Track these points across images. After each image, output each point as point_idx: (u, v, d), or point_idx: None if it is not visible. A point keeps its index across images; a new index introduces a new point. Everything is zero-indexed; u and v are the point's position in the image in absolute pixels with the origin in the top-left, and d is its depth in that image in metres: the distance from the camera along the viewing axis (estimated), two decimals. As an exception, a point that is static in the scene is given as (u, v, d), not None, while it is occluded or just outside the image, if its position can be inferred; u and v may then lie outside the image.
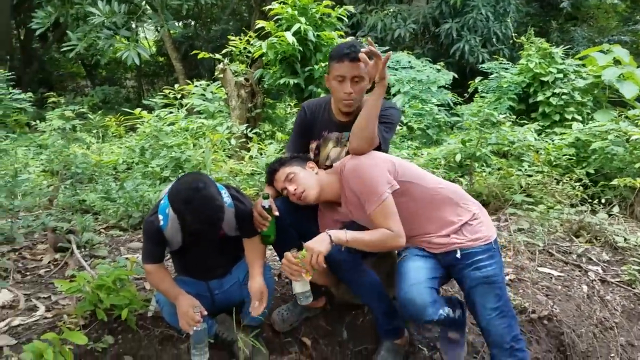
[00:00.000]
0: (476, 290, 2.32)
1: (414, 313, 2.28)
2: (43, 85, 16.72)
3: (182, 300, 2.34)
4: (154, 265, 2.41)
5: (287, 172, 2.46)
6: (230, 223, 2.45)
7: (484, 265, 2.33)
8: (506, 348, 2.23)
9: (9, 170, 4.80)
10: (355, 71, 2.40)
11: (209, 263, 2.58)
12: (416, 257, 2.42)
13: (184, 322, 2.29)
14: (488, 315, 2.28)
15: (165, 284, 2.41)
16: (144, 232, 2.44)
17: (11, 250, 3.47)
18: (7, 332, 2.45)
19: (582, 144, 5.61)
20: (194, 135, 6.07)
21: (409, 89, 7.33)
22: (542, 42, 7.73)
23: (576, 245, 4.02)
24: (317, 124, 2.70)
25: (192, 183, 2.16)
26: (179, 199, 2.15)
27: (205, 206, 2.13)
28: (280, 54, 6.24)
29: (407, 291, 2.28)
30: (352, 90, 2.44)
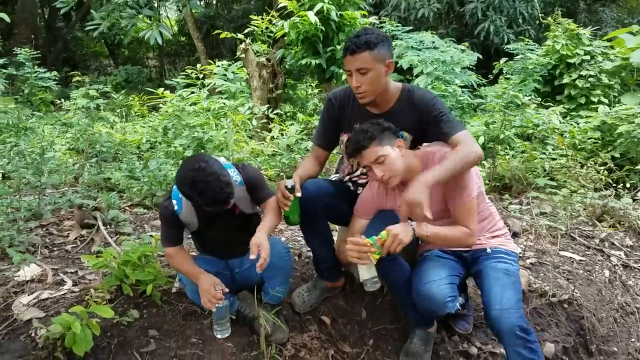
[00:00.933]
0: (497, 279, 2.31)
1: (434, 308, 2.30)
2: (67, 64, 16.95)
3: (203, 279, 2.38)
4: (173, 248, 2.45)
5: (378, 154, 2.28)
6: (245, 199, 2.49)
7: (508, 262, 2.41)
8: (520, 337, 2.15)
9: (35, 148, 4.90)
10: (357, 63, 2.33)
11: (228, 242, 2.61)
12: (437, 257, 2.47)
13: (206, 300, 2.33)
14: (503, 304, 2.20)
15: (186, 265, 2.45)
16: (161, 217, 2.48)
17: (39, 226, 3.55)
18: (36, 305, 2.52)
19: (608, 127, 5.51)
20: (215, 116, 6.10)
21: (432, 70, 7.23)
22: (569, 23, 7.54)
23: (599, 230, 3.98)
24: (346, 115, 2.62)
25: (194, 164, 2.16)
26: (184, 183, 2.17)
27: (211, 184, 2.14)
28: (302, 33, 6.21)
29: (427, 287, 2.29)
30: (359, 83, 2.36)
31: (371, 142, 2.29)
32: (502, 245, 2.50)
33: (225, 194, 2.18)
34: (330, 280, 2.88)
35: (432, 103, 2.43)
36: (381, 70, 2.36)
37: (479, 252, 2.49)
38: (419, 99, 2.46)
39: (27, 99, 9.52)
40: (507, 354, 2.18)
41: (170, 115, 6.03)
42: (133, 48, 19.43)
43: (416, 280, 2.37)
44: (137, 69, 16.65)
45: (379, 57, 2.33)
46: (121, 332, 2.44)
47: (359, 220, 2.62)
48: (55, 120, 8.28)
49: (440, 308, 2.28)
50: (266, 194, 2.52)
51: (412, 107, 2.47)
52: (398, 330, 2.88)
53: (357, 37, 2.31)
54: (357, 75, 2.35)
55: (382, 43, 2.34)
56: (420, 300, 2.33)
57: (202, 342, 2.50)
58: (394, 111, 2.50)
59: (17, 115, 6.47)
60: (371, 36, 2.31)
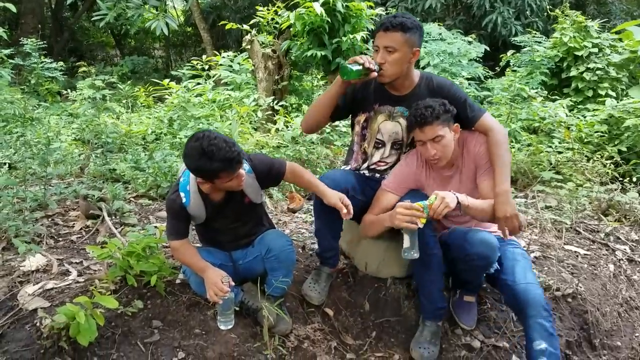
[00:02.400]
0: (517, 261, 2.46)
1: (488, 253, 2.36)
2: (73, 54, 16.95)
3: (209, 272, 2.40)
4: (179, 241, 2.46)
5: (438, 133, 2.38)
6: (254, 188, 2.51)
7: (521, 248, 2.63)
8: (545, 309, 2.26)
9: (41, 138, 4.92)
10: (386, 41, 2.40)
11: (234, 233, 2.63)
12: None
13: (212, 293, 2.35)
14: (528, 280, 2.36)
15: (192, 258, 2.46)
16: (168, 210, 2.48)
17: (44, 217, 3.56)
18: (41, 295, 2.53)
19: (615, 120, 5.47)
20: (221, 107, 6.10)
21: (439, 62, 7.19)
22: (577, 15, 7.46)
23: (604, 224, 3.96)
24: (366, 94, 2.66)
25: (197, 136, 2.20)
26: (194, 155, 2.18)
27: (219, 145, 2.15)
28: (308, 25, 6.18)
29: (480, 235, 2.37)
30: (383, 60, 2.42)
31: (435, 120, 2.37)
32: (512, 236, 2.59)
33: (235, 152, 2.19)
34: (332, 266, 2.93)
35: (452, 90, 2.56)
36: (407, 54, 2.44)
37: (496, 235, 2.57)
38: (439, 86, 2.57)
39: (33, 89, 9.55)
40: (530, 325, 2.26)
41: (176, 106, 6.04)
42: (139, 38, 19.38)
43: (464, 235, 2.42)
44: (143, 59, 16.62)
45: (409, 41, 2.41)
46: (125, 322, 2.45)
47: (387, 194, 2.64)
48: (62, 110, 8.30)
49: (492, 252, 2.36)
50: (280, 164, 2.56)
51: (431, 93, 2.55)
52: (400, 322, 2.89)
53: (394, 17, 2.40)
54: (383, 52, 2.42)
55: (415, 29, 2.42)
56: (473, 247, 2.36)
57: (205, 332, 2.52)
58: (413, 95, 2.57)
59: (23, 106, 6.49)
60: (407, 20, 2.39)
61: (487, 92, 7.28)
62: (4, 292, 2.53)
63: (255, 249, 2.66)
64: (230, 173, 2.24)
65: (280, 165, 2.55)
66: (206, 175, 2.26)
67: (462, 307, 2.83)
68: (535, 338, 2.22)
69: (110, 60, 19.21)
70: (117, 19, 6.20)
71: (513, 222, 2.34)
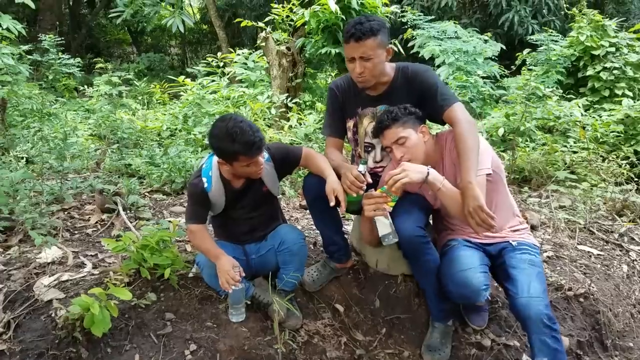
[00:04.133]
0: (523, 269, 2.33)
1: (469, 295, 2.31)
2: (91, 51, 17.15)
3: (222, 259, 2.43)
4: (197, 225, 2.52)
5: (399, 135, 2.36)
6: (272, 177, 2.59)
7: (532, 254, 2.43)
8: (547, 325, 2.16)
9: (58, 133, 5.00)
10: (361, 50, 2.35)
11: (250, 224, 2.68)
12: (465, 246, 2.48)
13: (224, 281, 2.38)
14: (530, 293, 2.22)
15: (207, 243, 2.50)
16: (189, 195, 2.55)
17: (60, 210, 3.62)
18: (57, 287, 2.58)
19: (631, 120, 5.39)
20: (235, 104, 6.14)
21: (454, 60, 7.15)
22: (595, 14, 7.37)
23: (619, 225, 3.92)
24: (349, 102, 2.68)
25: (224, 118, 2.32)
26: (220, 135, 2.27)
27: (244, 128, 2.24)
28: (322, 22, 6.19)
29: (464, 275, 2.30)
30: (361, 69, 2.39)
31: (394, 122, 2.37)
32: (524, 238, 2.53)
33: (258, 138, 2.27)
34: (339, 262, 2.94)
35: (426, 75, 2.48)
36: (383, 56, 2.42)
37: (503, 245, 2.51)
38: (414, 74, 2.51)
39: (51, 85, 9.68)
40: (532, 341, 2.18)
41: (191, 103, 6.08)
42: (156, 36, 19.55)
43: (450, 267, 2.37)
44: (159, 56, 16.76)
45: (381, 43, 2.38)
46: (139, 314, 2.49)
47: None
48: (79, 106, 8.41)
49: (475, 295, 2.30)
50: (296, 149, 2.62)
51: (409, 83, 2.52)
52: (411, 319, 2.89)
53: (360, 24, 2.32)
54: (360, 61, 2.39)
55: (383, 29, 2.38)
56: (455, 288, 2.33)
57: (217, 325, 2.54)
58: (392, 91, 2.55)
59: (41, 101, 6.58)
60: (373, 23, 2.33)
61: (503, 90, 7.23)
62: (20, 283, 2.57)
63: (268, 242, 2.71)
64: (249, 158, 2.30)
65: (296, 149, 2.62)
66: (226, 155, 2.32)
67: (472, 308, 2.82)
68: (538, 355, 2.16)
69: (126, 57, 19.39)
70: (133, 16, 6.22)
71: (478, 214, 2.15)
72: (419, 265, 2.52)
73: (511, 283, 2.30)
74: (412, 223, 2.36)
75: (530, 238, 2.56)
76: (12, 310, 2.39)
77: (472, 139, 2.27)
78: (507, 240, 2.51)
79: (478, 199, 2.15)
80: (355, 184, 2.33)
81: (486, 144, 2.42)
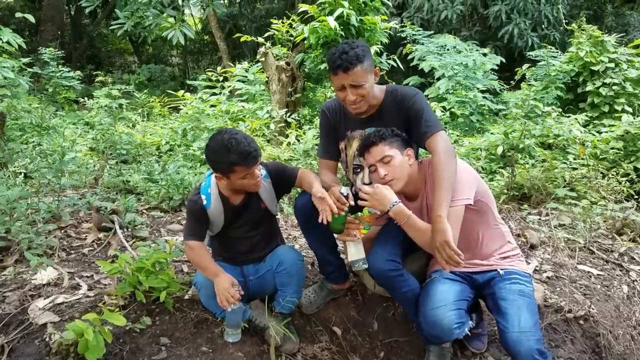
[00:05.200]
0: (513, 301, 2.29)
1: (440, 335, 2.30)
2: (92, 61, 17.22)
3: (222, 277, 2.41)
4: (196, 242, 2.50)
5: (385, 154, 2.35)
6: (270, 194, 2.61)
7: (522, 283, 2.40)
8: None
9: (57, 148, 4.99)
10: (350, 79, 2.35)
11: (249, 243, 2.67)
12: (446, 279, 2.45)
13: (223, 299, 2.35)
14: (521, 327, 2.18)
15: (205, 260, 2.49)
16: (188, 211, 2.54)
17: (57, 229, 3.61)
18: (52, 309, 2.56)
19: (631, 137, 5.37)
20: (234, 119, 6.14)
21: (453, 75, 7.17)
22: (594, 30, 7.39)
23: (618, 244, 3.90)
24: (339, 124, 2.69)
25: (220, 131, 2.36)
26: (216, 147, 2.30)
27: (240, 140, 2.28)
28: (322, 38, 6.21)
29: (434, 313, 2.29)
30: (354, 97, 2.40)
31: (381, 140, 2.37)
32: (514, 266, 2.49)
33: (252, 148, 2.30)
34: (336, 283, 2.93)
35: (414, 100, 2.48)
36: (372, 79, 2.43)
37: (490, 274, 2.48)
38: (402, 97, 2.51)
39: (51, 98, 9.69)
40: None
41: (190, 117, 6.09)
42: (157, 45, 19.62)
43: (423, 304, 2.36)
44: (160, 67, 16.83)
45: (369, 68, 2.39)
46: (133, 339, 2.47)
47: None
48: (78, 119, 8.42)
49: (446, 335, 2.28)
50: (294, 169, 2.65)
51: (398, 106, 2.52)
52: (409, 343, 2.87)
53: (345, 54, 2.32)
54: (352, 89, 2.39)
55: (368, 53, 2.39)
56: (426, 326, 2.32)
57: (212, 350, 2.52)
58: (381, 113, 2.56)
59: (40, 115, 6.59)
60: (358, 49, 2.33)
61: (502, 105, 7.24)
62: (15, 305, 2.56)
63: (266, 263, 2.70)
64: (246, 168, 2.32)
65: (293, 169, 2.64)
66: (223, 168, 2.34)
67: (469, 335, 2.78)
68: None
69: (128, 67, 19.47)
70: (135, 27, 6.26)
71: (445, 250, 2.10)
72: (397, 296, 2.55)
73: (501, 316, 2.27)
74: (383, 257, 2.38)
75: (522, 265, 2.53)
76: (6, 334, 2.38)
77: (448, 171, 2.24)
78: (495, 269, 2.48)
79: (445, 233, 2.10)
80: (337, 205, 2.33)
81: (472, 173, 2.38)
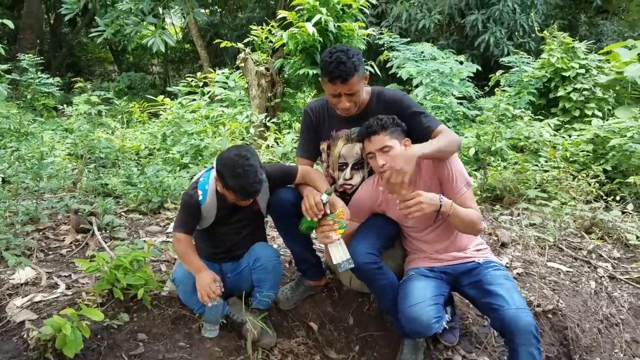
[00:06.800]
0: (501, 284, 2.37)
1: (420, 330, 2.35)
2: (71, 69, 17.08)
3: (205, 272, 2.45)
4: (184, 235, 2.54)
5: (386, 143, 2.39)
6: (265, 196, 2.65)
7: (503, 269, 2.51)
8: (535, 336, 2.17)
9: (35, 153, 4.99)
10: (347, 88, 2.41)
11: (235, 239, 2.72)
12: (422, 276, 2.52)
13: (204, 294, 2.38)
14: (516, 306, 2.24)
15: (191, 255, 2.52)
16: (182, 204, 2.58)
17: (35, 230, 3.62)
18: (29, 308, 2.58)
19: (600, 140, 5.54)
20: (214, 123, 6.18)
21: (429, 81, 7.31)
22: (565, 37, 7.60)
23: (587, 242, 4.02)
24: (323, 124, 2.75)
25: (241, 151, 2.35)
26: (226, 163, 2.33)
27: (248, 173, 2.30)
28: (300, 44, 6.29)
29: (413, 310, 2.33)
30: (348, 104, 2.47)
31: (383, 130, 2.41)
32: (488, 257, 2.60)
33: (254, 188, 2.35)
34: (312, 279, 2.99)
35: (404, 102, 2.57)
36: (363, 85, 2.51)
37: (470, 265, 2.56)
38: (391, 100, 2.60)
39: (29, 104, 9.62)
40: (518, 353, 2.17)
41: (170, 122, 6.12)
42: (137, 54, 19.53)
43: (401, 302, 2.42)
44: (140, 75, 16.75)
45: (362, 75, 2.46)
46: (111, 335, 2.50)
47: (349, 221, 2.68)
48: (57, 125, 8.38)
49: (425, 330, 2.34)
50: (293, 168, 2.70)
51: (385, 107, 2.58)
52: (384, 337, 2.93)
53: (343, 64, 2.35)
54: (346, 97, 2.46)
55: (362, 61, 2.46)
56: (406, 323, 2.37)
57: (190, 345, 2.56)
58: (366, 113, 2.61)
59: (19, 121, 6.56)
60: (354, 59, 2.38)
61: (478, 111, 7.39)
62: (-7, 304, 2.57)
63: (244, 260, 2.75)
64: (240, 199, 2.42)
65: (292, 168, 2.70)
66: (223, 182, 2.39)
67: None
68: None
69: (108, 75, 19.35)
70: (115, 35, 6.27)
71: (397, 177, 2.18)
72: (374, 289, 2.58)
73: (494, 297, 2.32)
74: (363, 250, 2.42)
75: (493, 256, 2.64)
76: (-16, 332, 2.39)
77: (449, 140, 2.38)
78: (473, 260, 2.57)
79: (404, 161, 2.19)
80: (313, 210, 2.40)
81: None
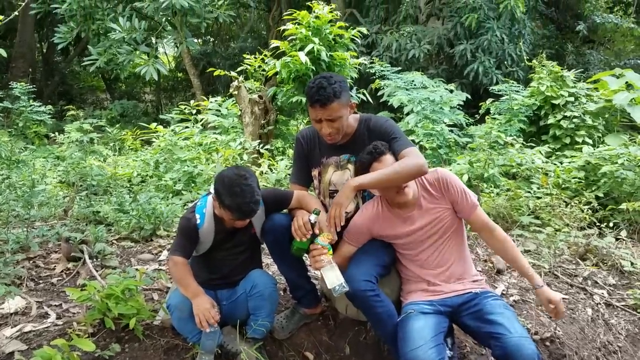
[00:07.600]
0: (501, 313, 2.36)
1: None
2: (64, 97, 17.11)
3: (202, 297, 2.43)
4: (182, 258, 2.51)
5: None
6: (261, 220, 2.64)
7: (501, 299, 2.54)
8: None
9: (26, 181, 4.95)
10: (326, 114, 2.45)
11: (232, 264, 2.70)
12: (421, 314, 2.49)
13: (203, 319, 2.36)
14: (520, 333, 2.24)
15: (188, 279, 2.49)
16: (180, 228, 2.56)
17: (26, 259, 3.56)
18: (19, 338, 2.53)
19: (592, 167, 5.59)
20: (207, 150, 6.19)
21: (420, 109, 7.38)
22: (554, 66, 7.73)
23: (582, 268, 4.02)
24: (314, 151, 2.78)
25: (241, 171, 2.37)
26: (225, 181, 2.34)
27: (246, 193, 2.31)
28: (293, 72, 6.35)
29: (414, 354, 2.28)
30: (329, 130, 2.50)
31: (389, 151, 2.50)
32: (484, 288, 2.62)
33: (250, 207, 2.35)
34: (308, 307, 2.95)
35: (386, 127, 2.61)
36: (347, 113, 2.54)
37: (468, 296, 2.56)
38: (375, 125, 2.64)
39: (21, 132, 9.60)
40: None
41: (163, 149, 6.11)
42: (130, 82, 19.65)
43: (402, 345, 2.38)
44: (132, 103, 16.80)
45: (345, 103, 2.49)
46: (102, 366, 2.44)
47: (346, 244, 2.69)
48: (49, 153, 8.35)
49: None
50: (288, 192, 2.71)
51: (371, 133, 2.63)
52: (381, 366, 2.89)
53: (323, 89, 2.40)
54: (327, 122, 2.48)
55: (345, 89, 2.49)
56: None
57: (182, 377, 2.51)
58: (355, 140, 2.66)
59: (10, 148, 6.52)
60: (335, 85, 2.42)
61: (469, 138, 7.45)
62: (-19, 335, 2.51)
63: (240, 287, 2.71)
64: (236, 218, 2.40)
65: (287, 193, 2.71)
66: (220, 201, 2.38)
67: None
68: None
69: (100, 103, 19.39)
70: (107, 63, 6.27)
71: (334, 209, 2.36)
72: (371, 317, 2.56)
73: (495, 326, 2.31)
74: (360, 277, 2.41)
75: (489, 288, 2.67)
76: (-29, 363, 2.33)
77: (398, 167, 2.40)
78: (471, 291, 2.56)
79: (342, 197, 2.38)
80: (302, 230, 2.42)
81: None
